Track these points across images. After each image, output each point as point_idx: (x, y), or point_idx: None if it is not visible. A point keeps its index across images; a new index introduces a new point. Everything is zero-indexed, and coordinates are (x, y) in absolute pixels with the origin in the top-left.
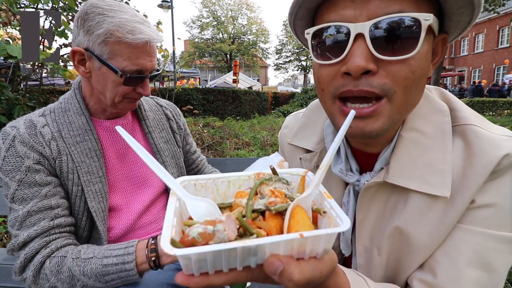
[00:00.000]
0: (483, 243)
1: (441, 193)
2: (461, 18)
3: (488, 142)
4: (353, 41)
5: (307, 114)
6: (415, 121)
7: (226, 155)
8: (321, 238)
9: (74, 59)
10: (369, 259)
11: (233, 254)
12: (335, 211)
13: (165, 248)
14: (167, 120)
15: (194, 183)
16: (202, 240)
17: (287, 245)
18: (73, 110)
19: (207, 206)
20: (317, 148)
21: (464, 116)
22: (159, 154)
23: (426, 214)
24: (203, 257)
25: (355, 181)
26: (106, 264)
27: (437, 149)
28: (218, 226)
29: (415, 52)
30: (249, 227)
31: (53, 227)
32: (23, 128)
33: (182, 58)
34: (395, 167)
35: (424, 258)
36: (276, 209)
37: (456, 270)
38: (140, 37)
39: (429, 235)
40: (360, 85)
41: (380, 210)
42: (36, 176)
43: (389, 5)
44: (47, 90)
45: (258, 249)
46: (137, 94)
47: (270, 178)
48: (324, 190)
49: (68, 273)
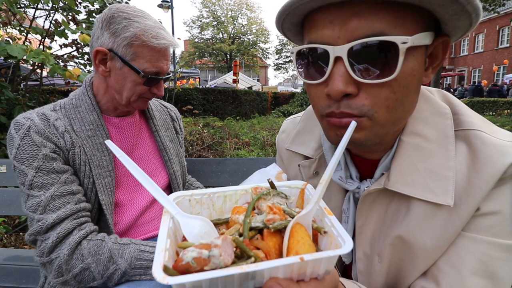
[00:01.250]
0: (487, 252)
1: (444, 202)
2: (458, 23)
3: (495, 149)
4: (333, 64)
5: (304, 119)
6: (416, 125)
7: (226, 155)
8: (322, 261)
9: (96, 58)
10: (369, 266)
11: (230, 280)
12: (337, 229)
13: (157, 277)
14: (172, 121)
15: (188, 199)
16: (197, 265)
17: (286, 269)
18: (85, 106)
19: (202, 225)
20: (316, 155)
21: (468, 120)
22: (165, 151)
23: (429, 222)
24: (199, 284)
25: (355, 189)
26: (143, 250)
27: (440, 154)
28: (214, 250)
29: (395, 75)
30: (247, 249)
31: (80, 209)
32: (38, 120)
33: (182, 58)
34: (396, 173)
35: (427, 266)
36: (275, 227)
37: (460, 279)
38: (163, 42)
39: (432, 244)
40: (341, 107)
41: (380, 217)
42: (54, 163)
43: (368, 24)
44: (47, 90)
45: (256, 274)
46: (151, 94)
47: (268, 193)
48: (325, 206)
49: (108, 254)
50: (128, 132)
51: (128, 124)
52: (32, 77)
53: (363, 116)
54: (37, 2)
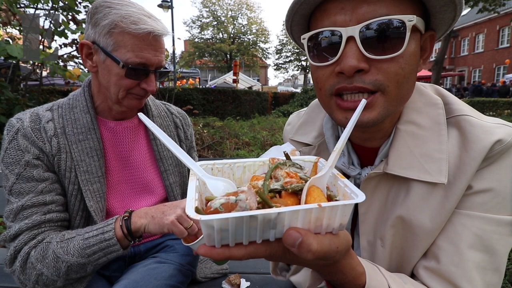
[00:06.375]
0: (482, 226)
1: (438, 180)
2: (445, 15)
3: (481, 129)
4: (345, 44)
5: (308, 112)
6: (411, 115)
7: (226, 155)
8: (338, 209)
9: (82, 53)
10: (373, 252)
11: (254, 225)
12: (349, 187)
13: (190, 214)
14: (175, 128)
15: (211, 167)
16: (225, 210)
17: (305, 217)
18: (80, 108)
19: (226, 185)
20: (316, 142)
21: (458, 108)
22: (161, 161)
23: (427, 201)
24: (225, 226)
25: (356, 174)
26: (88, 237)
27: (433, 139)
28: (241, 195)
29: (402, 50)
30: (268, 200)
31: (44, 221)
32: (28, 122)
33: (182, 58)
34: (394, 158)
35: (427, 245)
36: (292, 188)
37: (458, 253)
38: (143, 27)
39: (431, 221)
40: (354, 82)
41: (382, 202)
42: (34, 171)
43: (376, 9)
44: (47, 90)
45: (277, 221)
46: (141, 90)
47: (284, 163)
48: (337, 172)
49: (52, 256)
50: (123, 137)
51: (124, 129)
52: (32, 77)
53: (377, 91)
54: (37, 2)
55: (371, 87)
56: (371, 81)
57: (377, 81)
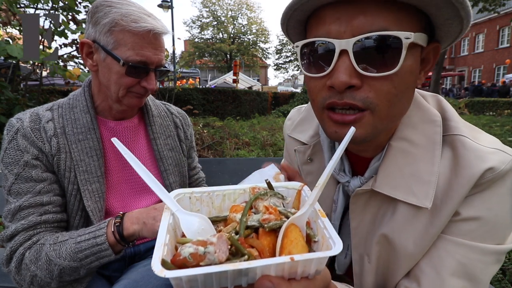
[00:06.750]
0: (467, 254)
1: (423, 204)
2: (451, 28)
3: (474, 154)
4: (338, 57)
5: (307, 109)
6: (405, 131)
7: (226, 155)
8: (313, 261)
9: (82, 52)
10: (362, 267)
11: (224, 276)
12: (328, 231)
13: (155, 270)
14: (175, 128)
15: (189, 196)
16: (193, 260)
17: (278, 268)
18: (80, 107)
19: (200, 222)
20: (311, 142)
21: (455, 126)
22: (161, 161)
23: (411, 223)
24: (194, 278)
25: (345, 182)
26: (80, 241)
27: (425, 159)
28: (209, 248)
29: (397, 69)
30: (241, 247)
31: (40, 222)
32: (27, 122)
33: (182, 58)
34: (382, 176)
35: (410, 265)
36: (270, 226)
37: (439, 279)
38: (144, 25)
39: (414, 244)
40: (345, 98)
41: (372, 218)
42: (33, 171)
43: (373, 21)
44: (47, 90)
45: (249, 271)
46: (141, 89)
47: (265, 193)
48: (319, 208)
49: (45, 259)
50: (123, 137)
51: (124, 129)
52: (32, 77)
53: (366, 110)
54: (37, 2)
55: (361, 105)
56: (361, 98)
57: (367, 99)
